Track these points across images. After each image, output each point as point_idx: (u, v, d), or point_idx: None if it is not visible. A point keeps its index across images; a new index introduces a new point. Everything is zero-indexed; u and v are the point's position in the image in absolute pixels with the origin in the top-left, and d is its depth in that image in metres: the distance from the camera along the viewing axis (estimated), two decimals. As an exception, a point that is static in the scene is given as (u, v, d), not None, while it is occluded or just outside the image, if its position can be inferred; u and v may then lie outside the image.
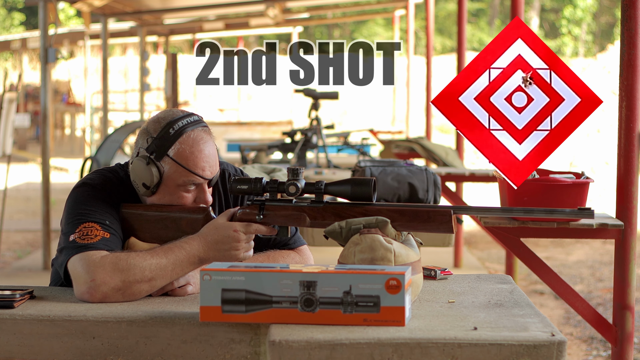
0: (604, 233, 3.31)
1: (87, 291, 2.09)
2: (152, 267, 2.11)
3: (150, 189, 2.28)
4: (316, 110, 5.77)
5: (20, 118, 7.53)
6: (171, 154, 2.26)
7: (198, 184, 2.30)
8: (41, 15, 7.03)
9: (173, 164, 2.26)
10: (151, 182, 2.27)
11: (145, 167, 2.27)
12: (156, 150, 2.27)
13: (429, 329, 1.80)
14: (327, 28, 32.78)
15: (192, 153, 2.27)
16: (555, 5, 31.00)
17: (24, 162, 15.26)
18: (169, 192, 2.28)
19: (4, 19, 29.64)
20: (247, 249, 2.18)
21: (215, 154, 2.34)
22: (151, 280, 2.11)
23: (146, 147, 2.28)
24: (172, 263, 2.13)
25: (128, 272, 2.10)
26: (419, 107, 16.03)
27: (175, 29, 15.35)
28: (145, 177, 2.27)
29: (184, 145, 2.27)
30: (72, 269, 2.13)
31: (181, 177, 2.27)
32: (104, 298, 2.09)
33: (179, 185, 2.28)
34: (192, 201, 2.30)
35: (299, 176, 2.14)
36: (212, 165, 2.31)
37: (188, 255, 2.14)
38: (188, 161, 2.26)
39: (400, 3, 13.05)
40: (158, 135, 2.28)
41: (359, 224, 2.05)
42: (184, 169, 2.26)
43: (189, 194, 2.29)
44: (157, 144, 2.27)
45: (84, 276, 2.09)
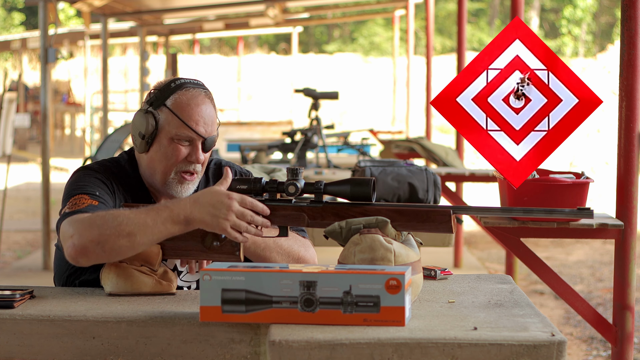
0: (604, 233, 3.31)
1: (71, 247, 2.10)
2: (130, 221, 2.09)
3: (145, 138, 2.31)
4: (316, 110, 5.77)
5: (20, 118, 7.53)
6: (168, 104, 2.32)
7: (191, 141, 2.33)
8: (41, 15, 7.03)
9: (169, 114, 2.31)
10: (147, 131, 2.31)
11: (142, 116, 2.33)
12: (155, 100, 2.33)
13: (429, 329, 1.80)
14: (327, 28, 32.79)
15: (189, 105, 2.32)
16: (555, 5, 31.00)
17: (24, 162, 15.26)
18: (163, 145, 2.32)
19: (4, 19, 29.64)
20: (238, 225, 2.08)
21: (213, 117, 2.38)
22: (130, 235, 2.08)
23: (147, 100, 2.36)
24: (153, 219, 2.09)
25: (105, 225, 2.09)
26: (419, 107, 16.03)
27: (175, 29, 15.36)
28: (141, 125, 2.32)
29: (182, 97, 2.32)
30: (60, 234, 2.16)
31: (175, 128, 2.31)
32: (85, 253, 2.09)
33: (172, 138, 2.31)
34: (185, 157, 2.32)
35: (299, 176, 2.14)
36: (207, 123, 2.34)
37: (172, 213, 2.10)
38: (183, 112, 2.31)
39: (400, 3, 13.06)
40: (160, 88, 2.35)
41: (359, 224, 2.05)
42: (178, 120, 2.30)
43: (182, 148, 2.32)
44: (157, 94, 2.34)
45: (67, 233, 2.11)
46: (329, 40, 32.30)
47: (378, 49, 29.28)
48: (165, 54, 16.04)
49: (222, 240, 2.15)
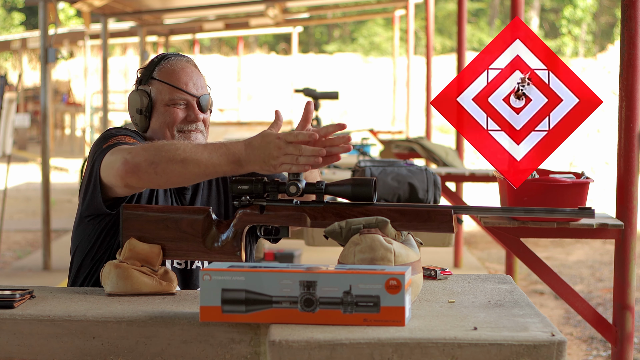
0: (604, 233, 3.31)
1: (122, 164, 2.13)
2: (187, 149, 2.11)
3: (143, 112, 2.43)
4: (316, 110, 5.77)
5: (20, 118, 7.54)
6: (155, 75, 2.45)
7: (187, 103, 2.44)
8: (41, 15, 7.03)
9: (158, 84, 2.44)
10: (142, 105, 2.43)
11: (135, 94, 2.45)
12: (143, 78, 2.47)
13: (429, 329, 1.80)
14: (327, 28, 32.78)
15: (174, 70, 2.45)
16: (555, 5, 31.00)
17: (24, 162, 15.26)
18: (161, 113, 2.44)
19: (4, 19, 29.64)
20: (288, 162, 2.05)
21: (202, 81, 2.49)
22: (184, 162, 2.09)
23: (136, 81, 2.49)
24: (210, 152, 2.11)
25: (162, 148, 2.12)
26: (419, 107, 16.03)
27: (175, 29, 15.36)
28: (136, 102, 2.44)
29: (166, 65, 2.46)
30: (107, 161, 2.20)
31: (167, 94, 2.43)
32: (137, 170, 2.12)
33: (167, 105, 2.43)
34: (184, 119, 2.43)
35: (300, 176, 2.14)
36: (197, 84, 2.46)
37: (227, 151, 2.11)
38: (171, 77, 2.44)
39: (400, 3, 13.05)
40: (144, 67, 2.50)
41: (359, 224, 2.05)
42: (168, 86, 2.43)
43: (179, 110, 2.43)
44: (143, 72, 2.48)
45: (118, 155, 2.16)
46: (329, 40, 32.30)
47: (378, 49, 29.28)
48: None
49: (223, 240, 2.16)
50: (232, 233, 2.16)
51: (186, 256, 2.19)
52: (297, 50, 19.84)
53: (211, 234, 2.16)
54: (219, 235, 2.15)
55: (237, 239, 2.16)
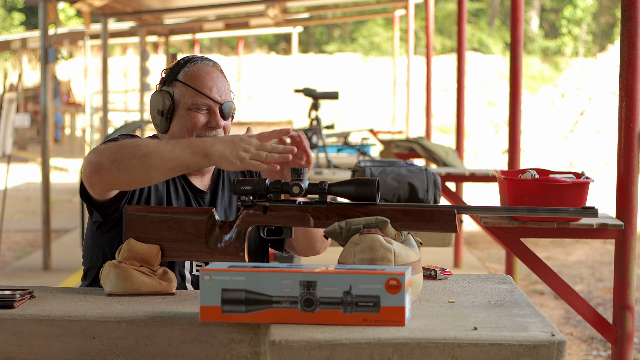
0: (604, 233, 3.31)
1: (87, 165, 2.16)
2: (149, 145, 2.13)
3: (164, 114, 2.40)
4: (316, 110, 5.77)
5: (20, 118, 7.53)
6: (180, 78, 2.42)
7: (209, 108, 2.41)
8: (41, 15, 7.03)
9: (182, 87, 2.41)
10: (164, 106, 2.40)
11: (158, 95, 2.42)
12: (167, 79, 2.44)
13: (429, 329, 1.80)
14: (327, 28, 32.78)
15: (200, 75, 2.42)
16: (555, 5, 31.00)
17: (24, 162, 15.26)
18: (182, 116, 2.40)
19: (4, 19, 29.64)
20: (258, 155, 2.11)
21: (227, 86, 2.47)
22: (145, 156, 2.11)
23: (160, 81, 2.46)
24: (172, 145, 2.13)
25: (124, 146, 2.14)
26: (419, 107, 16.03)
27: (175, 29, 15.35)
28: (158, 103, 2.41)
29: (192, 68, 2.43)
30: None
31: (190, 98, 2.40)
32: (99, 169, 2.13)
33: (189, 109, 2.40)
34: (204, 124, 2.40)
35: (303, 177, 2.13)
36: (221, 90, 2.44)
37: (192, 144, 2.13)
38: (195, 81, 2.40)
39: (400, 3, 13.05)
40: (170, 67, 2.46)
41: (358, 224, 2.05)
42: (192, 90, 2.39)
43: (200, 115, 2.40)
44: (168, 73, 2.45)
45: (88, 157, 2.19)
46: (329, 40, 32.30)
47: (378, 49, 29.28)
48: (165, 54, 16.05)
49: (226, 241, 2.15)
50: (235, 234, 2.16)
51: (189, 257, 2.19)
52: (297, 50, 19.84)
53: (214, 235, 2.16)
54: (222, 236, 2.15)
55: (240, 239, 2.16)
